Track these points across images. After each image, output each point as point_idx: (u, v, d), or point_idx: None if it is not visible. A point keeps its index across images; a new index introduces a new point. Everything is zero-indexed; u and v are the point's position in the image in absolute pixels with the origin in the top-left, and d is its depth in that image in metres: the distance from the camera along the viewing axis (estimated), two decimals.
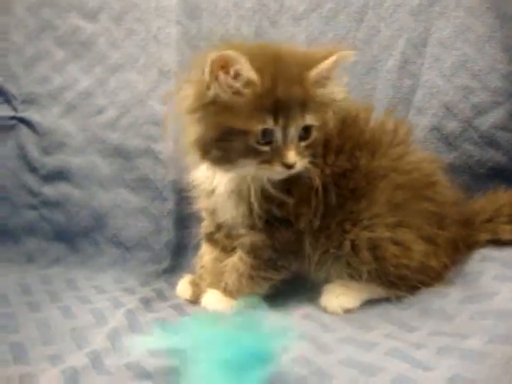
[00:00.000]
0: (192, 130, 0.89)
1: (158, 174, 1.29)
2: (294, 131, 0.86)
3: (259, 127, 0.84)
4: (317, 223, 0.94)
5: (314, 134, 0.89)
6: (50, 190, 1.32)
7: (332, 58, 0.87)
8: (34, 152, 1.33)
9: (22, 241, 1.31)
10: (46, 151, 1.33)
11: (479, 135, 1.17)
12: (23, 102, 1.35)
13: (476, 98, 1.17)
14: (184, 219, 1.27)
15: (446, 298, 0.92)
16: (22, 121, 1.34)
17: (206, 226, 1.08)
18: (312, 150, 0.90)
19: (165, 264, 1.25)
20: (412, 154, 1.00)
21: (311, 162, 0.90)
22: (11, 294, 1.06)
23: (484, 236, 1.03)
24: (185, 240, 1.26)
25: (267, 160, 0.86)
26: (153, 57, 1.33)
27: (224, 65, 0.83)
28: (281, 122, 0.85)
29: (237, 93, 0.84)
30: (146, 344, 0.81)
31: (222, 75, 0.83)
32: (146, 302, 1.05)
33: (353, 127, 0.97)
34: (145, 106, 1.31)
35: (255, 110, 0.84)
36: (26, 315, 0.97)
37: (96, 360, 0.79)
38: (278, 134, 0.85)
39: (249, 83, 0.84)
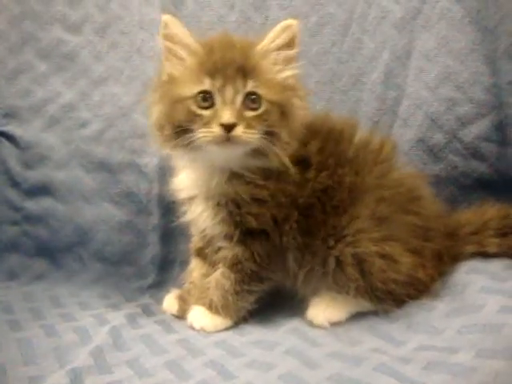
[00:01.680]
0: (152, 111, 0.94)
1: (143, 187, 1.28)
2: (231, 93, 0.87)
3: (196, 89, 0.88)
4: (299, 239, 0.94)
5: (266, 107, 0.89)
6: (32, 205, 1.30)
7: (274, 29, 0.92)
8: (16, 166, 1.31)
9: (4, 257, 1.29)
10: (28, 165, 1.31)
11: (464, 146, 1.18)
12: (5, 115, 1.33)
13: (460, 110, 1.18)
14: (170, 234, 1.26)
15: (432, 312, 0.91)
16: (4, 134, 1.33)
17: (195, 241, 1.07)
18: (266, 125, 0.89)
19: (150, 279, 1.24)
20: (396, 171, 1.00)
21: (271, 142, 0.89)
22: None
23: (470, 248, 1.03)
24: (171, 255, 1.25)
25: (207, 122, 0.87)
26: (137, 70, 1.32)
27: (167, 33, 0.91)
28: (217, 83, 0.87)
29: (181, 61, 0.91)
30: None
31: (167, 43, 0.92)
32: (132, 318, 1.03)
33: (337, 144, 0.98)
34: (129, 119, 1.30)
35: (195, 75, 0.89)
36: (7, 335, 0.94)
37: (76, 379, 0.78)
38: (217, 97, 0.87)
39: (191, 51, 0.91)
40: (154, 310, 1.10)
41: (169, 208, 1.20)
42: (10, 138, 1.32)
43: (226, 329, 0.96)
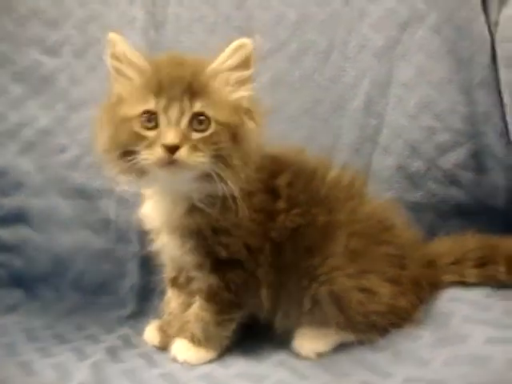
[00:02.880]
0: (98, 136, 0.89)
1: (122, 215, 1.25)
2: (176, 113, 0.83)
3: (141, 109, 0.83)
4: (272, 277, 0.93)
5: (215, 129, 0.84)
6: (6, 234, 1.26)
7: (227, 49, 0.88)
8: None
9: None
10: (2, 192, 1.27)
11: (443, 174, 1.21)
12: None
13: (439, 138, 1.21)
14: (149, 262, 1.22)
15: (418, 341, 0.92)
16: None
17: (168, 271, 1.04)
18: (215, 148, 0.84)
19: (129, 309, 1.21)
20: (366, 205, 1.00)
21: (220, 167, 0.84)
22: None
23: (449, 277, 1.04)
24: (151, 284, 1.20)
25: (150, 144, 0.82)
26: None
27: (114, 52, 0.88)
28: (162, 103, 0.83)
29: (129, 80, 0.87)
30: None
31: (115, 62, 0.88)
32: (113, 352, 1.00)
33: (309, 181, 0.97)
34: None
35: (141, 94, 0.85)
36: None
37: None
38: (162, 117, 0.83)
39: (139, 70, 0.87)
40: (134, 341, 1.07)
41: (149, 236, 1.17)
42: None
43: (210, 361, 0.94)
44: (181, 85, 0.83)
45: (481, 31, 1.19)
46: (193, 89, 0.84)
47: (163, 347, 1.01)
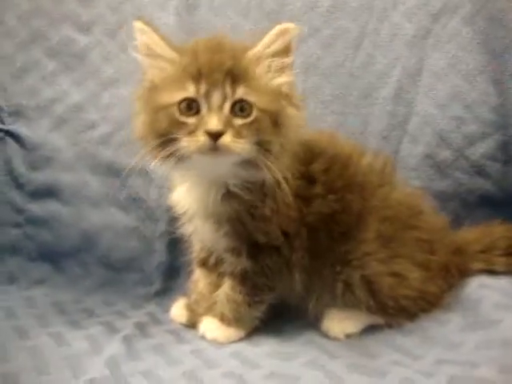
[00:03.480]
0: (136, 123, 0.89)
1: (151, 193, 1.25)
2: (219, 98, 0.81)
3: (180, 96, 0.81)
4: (307, 262, 0.94)
5: (256, 116, 0.82)
6: (36, 208, 1.26)
7: (270, 34, 0.84)
8: (20, 167, 1.27)
9: (4, 260, 1.25)
10: (33, 166, 1.27)
11: (470, 164, 1.22)
12: (11, 114, 1.29)
13: (467, 129, 1.22)
14: (177, 241, 1.22)
15: (447, 326, 0.93)
16: (9, 134, 1.28)
17: (197, 251, 1.05)
18: (256, 134, 0.82)
19: (156, 286, 1.21)
20: (396, 191, 1.01)
21: (263, 153, 0.82)
22: None
23: (477, 265, 1.06)
24: (177, 262, 1.23)
25: (192, 130, 0.80)
26: None
27: (142, 41, 0.87)
28: (203, 89, 0.81)
29: (161, 68, 0.86)
30: None
31: (144, 50, 0.87)
32: (141, 327, 1.01)
33: (344, 168, 0.97)
34: None
35: (178, 80, 0.83)
36: (16, 343, 0.91)
37: None
38: (203, 103, 0.81)
39: (168, 60, 0.85)
40: (161, 318, 1.08)
41: (177, 215, 1.18)
42: (15, 137, 1.28)
43: (239, 340, 0.95)
44: (222, 70, 0.81)
45: None
46: (234, 74, 0.81)
47: (190, 325, 1.01)
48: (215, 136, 0.78)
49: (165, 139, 0.82)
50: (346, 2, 1.31)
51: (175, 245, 1.24)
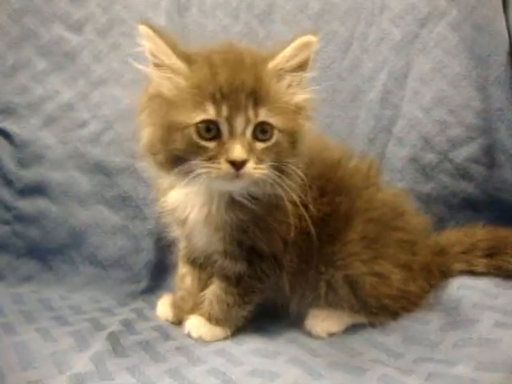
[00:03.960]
0: (143, 133, 0.83)
1: (140, 192, 1.26)
2: (242, 123, 0.77)
3: (198, 118, 0.76)
4: (295, 265, 0.95)
5: (277, 138, 0.79)
6: (25, 205, 1.26)
7: (291, 46, 0.80)
8: (10, 164, 1.27)
9: None
10: (22, 164, 1.27)
11: (454, 167, 1.24)
12: (1, 111, 1.29)
13: (452, 132, 1.25)
14: (165, 239, 1.25)
15: (427, 325, 0.95)
16: None
17: (184, 249, 1.05)
18: (276, 157, 0.80)
19: (143, 284, 1.22)
20: (380, 192, 1.03)
21: (281, 179, 0.80)
22: None
23: (458, 266, 1.08)
24: (165, 261, 1.24)
25: (212, 156, 0.76)
26: (138, 73, 1.30)
27: (148, 46, 0.80)
28: (224, 111, 0.76)
29: (172, 83, 0.79)
30: None
31: (151, 57, 0.81)
32: (128, 324, 1.02)
33: (334, 171, 0.98)
34: (128, 122, 1.26)
35: (194, 99, 0.77)
36: (2, 338, 0.91)
37: None
38: (224, 127, 0.77)
39: (177, 72, 0.79)
40: (148, 314, 1.09)
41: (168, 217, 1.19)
42: (5, 135, 1.28)
43: (225, 338, 0.96)
44: (244, 91, 0.76)
45: (500, 30, 1.23)
46: (257, 94, 0.77)
47: (176, 322, 1.02)
48: (239, 165, 0.76)
49: (178, 158, 0.78)
50: (336, 5, 1.33)
51: (163, 244, 1.25)
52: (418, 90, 1.27)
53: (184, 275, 1.06)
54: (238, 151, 0.75)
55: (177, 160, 0.78)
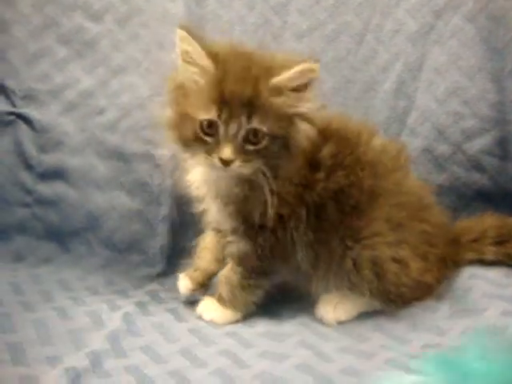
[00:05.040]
0: (165, 112, 0.96)
1: (156, 178, 1.28)
2: (234, 128, 0.87)
3: (203, 117, 0.88)
4: (311, 236, 0.96)
5: (266, 142, 0.89)
6: (44, 189, 1.29)
7: (295, 69, 0.88)
8: (31, 149, 1.30)
9: (12, 239, 1.28)
10: (43, 149, 1.30)
11: (467, 159, 1.24)
12: (23, 97, 1.32)
13: (466, 124, 1.25)
14: (179, 225, 1.28)
15: (436, 313, 0.97)
16: (21, 117, 1.31)
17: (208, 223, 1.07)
18: (265, 158, 0.90)
19: (158, 268, 1.25)
20: (409, 179, 1.05)
21: (265, 173, 0.90)
22: (2, 293, 1.04)
23: (470, 255, 1.09)
24: (179, 245, 1.26)
25: (209, 150, 0.89)
26: (156, 62, 1.33)
27: (182, 48, 0.90)
28: (223, 116, 0.87)
29: (194, 78, 0.90)
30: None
31: (183, 55, 0.90)
32: (142, 306, 1.05)
33: (355, 146, 0.99)
34: (145, 110, 1.30)
35: (205, 99, 0.88)
36: (22, 315, 0.95)
37: (96, 361, 0.80)
38: (221, 129, 0.88)
39: (203, 70, 0.89)
40: (162, 296, 1.12)
41: (179, 200, 1.21)
42: (26, 120, 1.31)
43: (236, 321, 0.99)
44: (242, 99, 0.86)
45: None
46: (253, 104, 0.87)
47: (196, 288, 1.06)
48: (227, 162, 0.88)
49: (186, 141, 0.92)
50: None
51: (177, 229, 1.29)
52: (432, 81, 1.27)
53: (206, 236, 1.09)
54: (226, 152, 0.87)
55: (186, 142, 0.93)
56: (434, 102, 1.27)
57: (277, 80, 0.88)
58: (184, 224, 1.27)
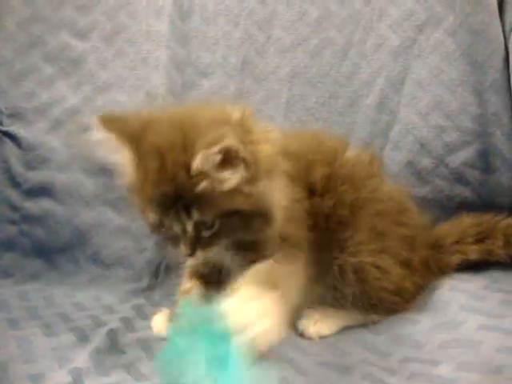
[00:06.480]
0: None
1: None
2: (179, 226, 0.80)
3: (149, 220, 0.82)
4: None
5: (219, 224, 0.80)
6: (31, 205, 1.31)
7: (214, 149, 0.73)
8: (17, 166, 1.31)
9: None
10: (29, 166, 1.31)
11: (450, 172, 1.26)
12: (9, 116, 1.33)
13: (448, 137, 1.26)
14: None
15: (416, 326, 0.97)
16: (7, 135, 1.32)
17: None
18: (229, 235, 0.83)
19: (145, 282, 1.26)
20: (385, 185, 1.06)
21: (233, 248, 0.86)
22: None
23: (455, 258, 1.10)
24: (165, 261, 1.27)
25: (171, 244, 0.85)
26: (141, 79, 1.35)
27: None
28: (164, 219, 0.80)
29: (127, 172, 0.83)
30: None
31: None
32: (127, 322, 1.05)
33: (333, 164, 1.00)
34: None
35: (142, 201, 0.81)
36: (6, 333, 0.96)
37: (78, 379, 0.80)
38: (168, 230, 0.82)
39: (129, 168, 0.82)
40: (147, 312, 1.12)
41: None
42: (13, 138, 1.32)
43: None
44: (171, 198, 0.77)
45: (496, 35, 1.24)
46: (184, 199, 0.77)
47: None
48: (190, 255, 0.82)
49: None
50: (334, 13, 1.36)
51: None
52: (414, 95, 1.29)
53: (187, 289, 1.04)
54: (183, 251, 0.82)
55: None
56: (416, 116, 1.28)
57: (195, 166, 0.75)
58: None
